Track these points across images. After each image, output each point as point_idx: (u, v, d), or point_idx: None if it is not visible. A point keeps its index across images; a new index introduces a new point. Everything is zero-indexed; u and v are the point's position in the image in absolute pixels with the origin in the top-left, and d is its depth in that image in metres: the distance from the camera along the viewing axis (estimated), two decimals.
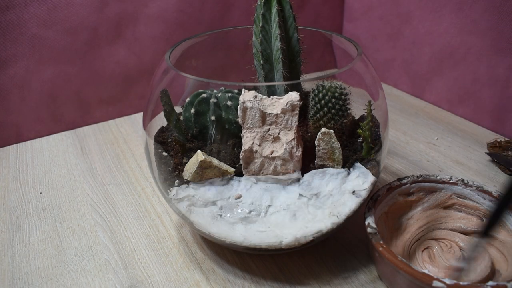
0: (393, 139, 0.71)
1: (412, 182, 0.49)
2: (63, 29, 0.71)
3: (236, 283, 0.44)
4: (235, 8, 0.85)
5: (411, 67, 0.85)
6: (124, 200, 0.58)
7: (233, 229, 0.41)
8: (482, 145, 0.68)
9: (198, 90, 0.47)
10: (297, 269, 0.46)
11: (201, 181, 0.43)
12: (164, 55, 0.46)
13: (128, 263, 0.47)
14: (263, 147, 0.42)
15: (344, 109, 0.45)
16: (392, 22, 0.86)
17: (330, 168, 0.43)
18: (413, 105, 0.82)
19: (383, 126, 0.47)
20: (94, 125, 0.80)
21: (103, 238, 0.51)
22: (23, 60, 0.70)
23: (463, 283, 0.35)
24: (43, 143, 0.74)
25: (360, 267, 0.46)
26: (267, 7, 0.46)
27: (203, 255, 0.48)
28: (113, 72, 0.79)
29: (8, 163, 0.68)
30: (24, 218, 0.55)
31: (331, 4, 0.96)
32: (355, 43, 0.47)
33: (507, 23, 0.66)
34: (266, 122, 0.42)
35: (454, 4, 0.73)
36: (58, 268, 0.47)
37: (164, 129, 0.50)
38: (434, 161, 0.64)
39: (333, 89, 0.44)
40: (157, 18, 0.78)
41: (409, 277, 0.37)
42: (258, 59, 0.48)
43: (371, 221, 0.42)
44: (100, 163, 0.67)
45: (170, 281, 0.45)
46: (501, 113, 0.70)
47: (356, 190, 0.42)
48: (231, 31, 0.55)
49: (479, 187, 0.47)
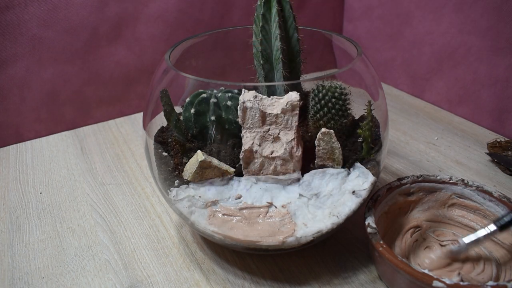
0: (393, 139, 0.71)
1: (412, 182, 0.49)
2: (63, 29, 0.71)
3: (236, 283, 0.44)
4: (235, 8, 0.85)
5: (411, 67, 0.85)
6: (124, 200, 0.58)
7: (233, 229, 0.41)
8: (482, 145, 0.67)
9: (198, 90, 0.47)
10: (297, 269, 0.46)
11: (201, 181, 0.43)
12: (164, 55, 0.46)
13: (128, 263, 0.47)
14: (263, 147, 0.42)
15: (344, 109, 0.45)
16: (392, 22, 0.86)
17: (330, 168, 0.43)
18: (413, 105, 0.82)
19: (383, 126, 0.47)
20: (94, 125, 0.80)
21: (103, 238, 0.51)
22: (23, 60, 0.70)
23: (463, 283, 0.35)
24: (43, 143, 0.74)
25: (360, 267, 0.46)
26: (267, 7, 0.46)
27: (203, 255, 0.48)
28: (113, 72, 0.79)
29: (8, 163, 0.68)
30: (24, 218, 0.55)
31: (331, 4, 0.96)
32: (355, 43, 0.47)
33: (507, 23, 0.66)
34: (266, 122, 0.42)
35: (454, 4, 0.73)
36: (58, 268, 0.47)
37: (164, 129, 0.50)
38: (434, 161, 0.64)
39: (333, 89, 0.44)
40: (157, 18, 0.78)
41: (409, 277, 0.37)
42: (258, 59, 0.48)
43: (371, 221, 0.42)
44: (100, 163, 0.67)
45: (170, 281, 0.45)
46: (501, 113, 0.70)
47: (356, 190, 0.42)
48: (231, 31, 0.55)
49: (479, 187, 0.47)
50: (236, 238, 0.41)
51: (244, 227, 0.41)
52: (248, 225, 0.41)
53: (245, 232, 0.41)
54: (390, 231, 0.47)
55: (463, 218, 0.48)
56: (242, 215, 0.41)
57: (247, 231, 0.41)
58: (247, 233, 0.40)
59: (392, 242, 0.46)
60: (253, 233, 0.40)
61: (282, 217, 0.41)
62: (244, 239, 0.40)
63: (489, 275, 0.41)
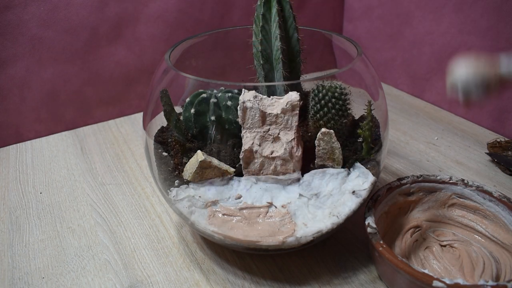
0: (393, 139, 0.71)
1: (412, 182, 0.49)
2: (63, 29, 0.71)
3: (236, 283, 0.44)
4: (235, 8, 0.85)
5: (411, 67, 0.85)
6: (124, 200, 0.58)
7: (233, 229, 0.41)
8: (482, 145, 0.67)
9: (198, 90, 0.47)
10: (297, 269, 0.46)
11: (201, 181, 0.43)
12: (164, 55, 0.46)
13: (128, 263, 0.47)
14: (263, 147, 0.42)
15: (344, 109, 0.45)
16: (392, 22, 0.86)
17: (330, 168, 0.43)
18: (413, 105, 0.82)
19: (383, 126, 0.47)
20: (94, 125, 0.80)
21: (103, 238, 0.51)
22: (23, 60, 0.70)
23: (463, 283, 0.35)
24: (43, 143, 0.74)
25: (360, 267, 0.46)
26: (267, 7, 0.46)
27: (203, 255, 0.48)
28: (113, 72, 0.79)
29: (8, 163, 0.68)
30: (24, 218, 0.55)
31: (331, 4, 0.96)
32: (355, 43, 0.47)
33: (507, 23, 0.66)
34: (266, 122, 0.42)
35: (454, 4, 0.73)
36: (58, 268, 0.47)
37: (164, 129, 0.50)
38: (434, 161, 0.64)
39: (333, 89, 0.44)
40: (157, 18, 0.78)
41: (409, 277, 0.37)
42: (258, 59, 0.48)
43: (371, 221, 0.42)
44: (100, 163, 0.67)
45: (170, 281, 0.45)
46: (501, 113, 0.70)
47: (356, 190, 0.42)
48: (231, 31, 0.55)
49: (479, 187, 0.47)
50: (236, 238, 0.41)
51: (244, 227, 0.41)
52: (248, 225, 0.41)
53: (245, 232, 0.41)
54: (390, 231, 0.47)
55: (463, 218, 0.48)
56: (242, 215, 0.41)
57: (247, 231, 0.41)
58: (247, 233, 0.40)
59: (392, 242, 0.46)
60: (253, 233, 0.40)
61: (282, 217, 0.41)
62: (244, 239, 0.40)
63: (489, 275, 0.41)
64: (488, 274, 0.41)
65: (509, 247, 0.43)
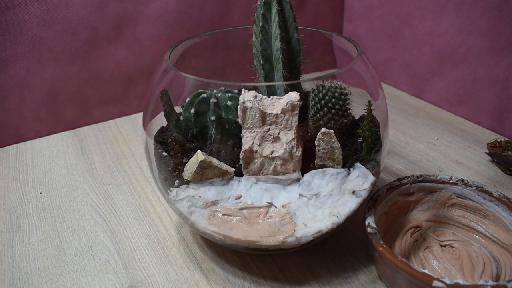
0: (393, 139, 0.71)
1: (412, 182, 0.49)
2: (63, 29, 0.71)
3: (236, 283, 0.44)
4: (235, 8, 0.85)
5: (411, 67, 0.85)
6: (124, 200, 0.58)
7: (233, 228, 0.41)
8: (482, 145, 0.68)
9: (198, 90, 0.47)
10: (297, 269, 0.46)
11: (201, 181, 0.43)
12: (164, 55, 0.46)
13: (128, 263, 0.47)
14: (263, 147, 0.42)
15: (344, 109, 0.45)
16: (392, 22, 0.86)
17: (330, 168, 0.43)
18: (413, 105, 0.82)
19: (383, 126, 0.47)
20: (94, 125, 0.80)
21: (103, 238, 0.51)
22: (23, 60, 0.70)
23: (463, 283, 0.35)
24: (43, 143, 0.74)
25: (360, 267, 0.46)
26: (267, 7, 0.46)
27: (203, 255, 0.48)
28: (113, 72, 0.79)
29: (8, 163, 0.68)
30: (24, 218, 0.55)
31: (331, 4, 0.96)
32: (355, 43, 0.47)
33: (507, 23, 0.66)
34: (266, 122, 0.42)
35: (454, 4, 0.73)
36: (58, 268, 0.47)
37: (164, 129, 0.50)
38: (434, 161, 0.64)
39: (333, 89, 0.44)
40: (157, 18, 0.78)
41: (409, 277, 0.37)
42: (258, 59, 0.48)
43: (371, 221, 0.42)
44: (100, 163, 0.67)
45: (170, 281, 0.45)
46: (501, 113, 0.70)
47: (356, 190, 0.42)
48: (231, 31, 0.55)
49: (479, 187, 0.47)
50: (236, 238, 0.41)
51: (244, 227, 0.41)
52: (248, 225, 0.41)
53: (245, 232, 0.41)
54: (390, 231, 0.47)
55: (463, 218, 0.48)
56: (242, 215, 0.41)
57: (247, 231, 0.41)
58: (247, 233, 0.41)
59: (392, 242, 0.46)
60: (253, 233, 0.40)
61: (282, 217, 0.41)
62: (244, 239, 0.40)
63: (489, 275, 0.41)
64: (488, 274, 0.41)
65: (509, 247, 0.43)
